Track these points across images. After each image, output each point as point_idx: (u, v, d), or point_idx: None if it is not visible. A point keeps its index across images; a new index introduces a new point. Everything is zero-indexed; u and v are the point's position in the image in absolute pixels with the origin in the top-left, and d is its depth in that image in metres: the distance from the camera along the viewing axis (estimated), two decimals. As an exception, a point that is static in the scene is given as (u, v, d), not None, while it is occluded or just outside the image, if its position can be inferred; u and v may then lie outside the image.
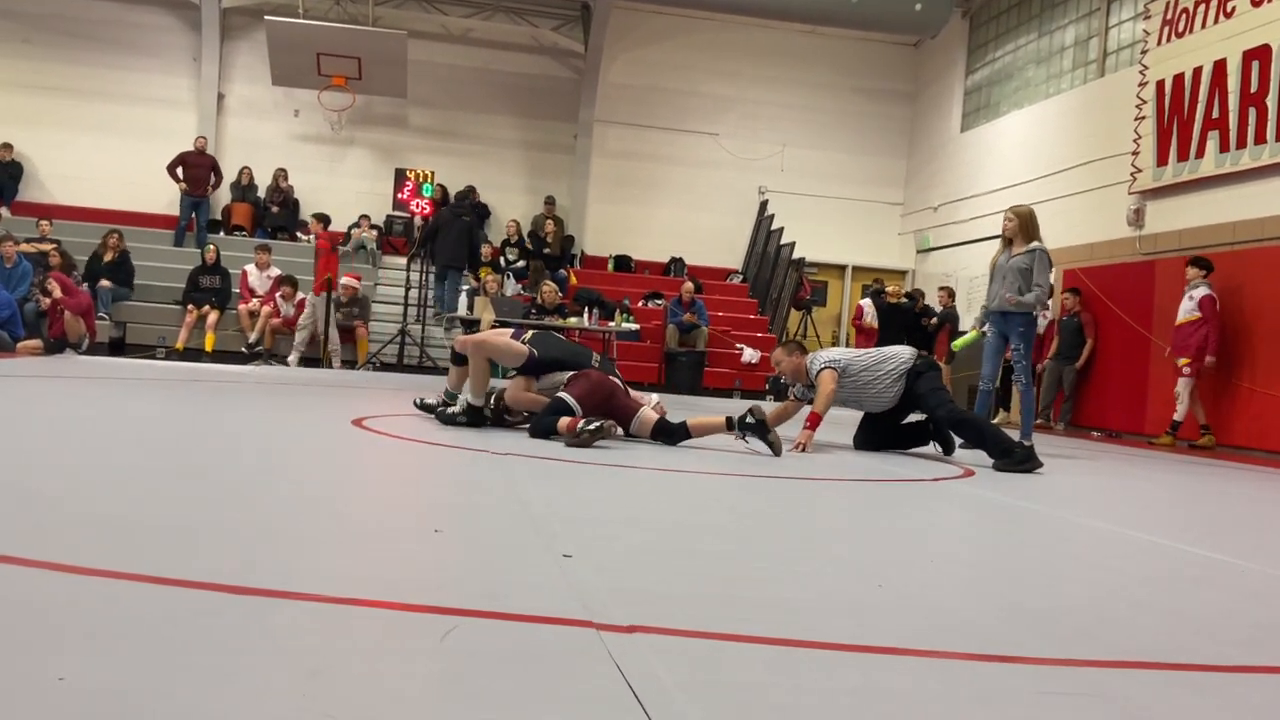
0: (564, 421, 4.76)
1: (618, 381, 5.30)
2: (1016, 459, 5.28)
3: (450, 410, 5.37)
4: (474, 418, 5.29)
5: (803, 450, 5.33)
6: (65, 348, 10.69)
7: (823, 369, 5.69)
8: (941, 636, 1.83)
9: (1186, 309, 9.48)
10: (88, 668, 1.31)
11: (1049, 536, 3.38)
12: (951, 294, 12.81)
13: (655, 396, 5.71)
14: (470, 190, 14.79)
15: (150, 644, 1.43)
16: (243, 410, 5.86)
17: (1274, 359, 9.17)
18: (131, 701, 1.21)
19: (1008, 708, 1.46)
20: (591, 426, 4.60)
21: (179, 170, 14.27)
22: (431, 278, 13.85)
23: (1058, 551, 3.04)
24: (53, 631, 1.46)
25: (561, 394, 4.99)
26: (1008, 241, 6.76)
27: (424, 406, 5.67)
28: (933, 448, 5.96)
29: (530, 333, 5.42)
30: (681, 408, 8.13)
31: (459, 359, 5.57)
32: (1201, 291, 9.35)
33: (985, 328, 7.02)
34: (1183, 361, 9.38)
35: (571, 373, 5.17)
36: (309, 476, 3.47)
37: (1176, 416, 9.52)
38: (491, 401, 5.35)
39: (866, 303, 13.56)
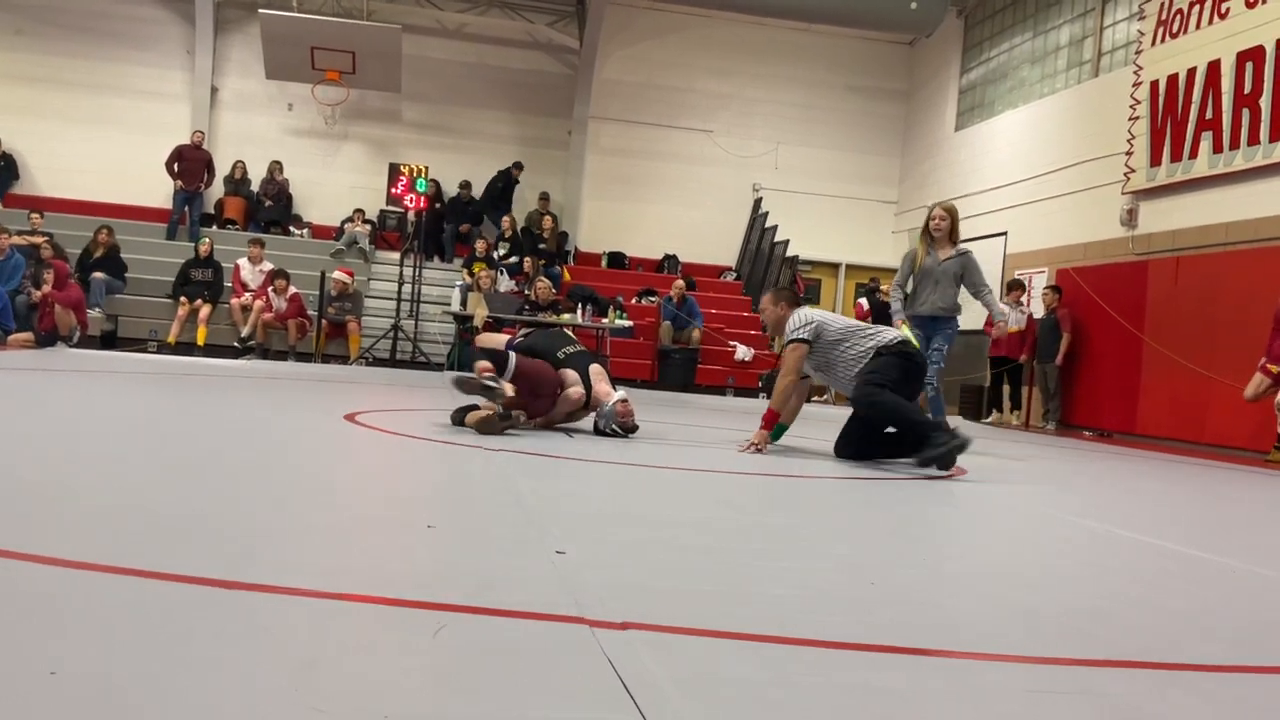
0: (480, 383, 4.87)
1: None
2: (936, 444, 4.63)
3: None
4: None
5: (756, 451, 4.94)
6: (56, 341, 10.65)
7: (791, 340, 5.10)
8: (934, 634, 1.83)
9: None
10: (80, 661, 1.30)
11: (1041, 535, 3.39)
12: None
13: (622, 391, 5.38)
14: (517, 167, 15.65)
15: (142, 637, 1.42)
16: (235, 404, 5.84)
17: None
18: (123, 694, 1.21)
19: (1000, 705, 1.46)
20: (499, 412, 4.73)
21: (175, 166, 14.23)
22: (423, 273, 13.87)
23: (1050, 550, 3.04)
24: (45, 625, 1.45)
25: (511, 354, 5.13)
26: (931, 239, 6.75)
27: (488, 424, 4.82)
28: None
29: (522, 334, 5.59)
30: (676, 405, 8.13)
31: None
32: None
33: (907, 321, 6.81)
34: None
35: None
36: (301, 471, 3.46)
37: None
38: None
39: (864, 302, 13.64)
